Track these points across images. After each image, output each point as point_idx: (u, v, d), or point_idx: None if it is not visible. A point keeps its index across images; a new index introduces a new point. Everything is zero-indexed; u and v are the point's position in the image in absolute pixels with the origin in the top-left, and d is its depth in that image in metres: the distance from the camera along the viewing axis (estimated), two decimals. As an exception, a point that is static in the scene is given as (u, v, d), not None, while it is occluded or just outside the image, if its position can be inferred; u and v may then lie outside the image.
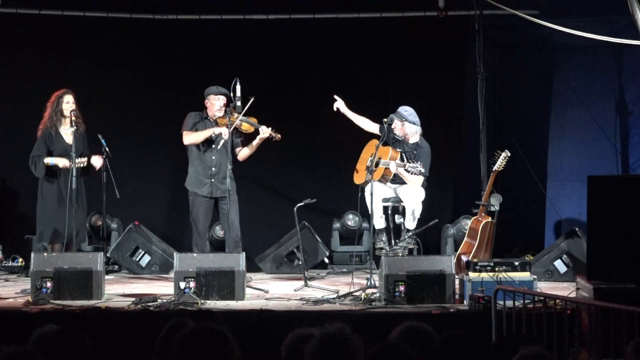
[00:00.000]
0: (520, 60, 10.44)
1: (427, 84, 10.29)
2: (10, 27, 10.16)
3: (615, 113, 10.14)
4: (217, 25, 10.47)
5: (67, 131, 8.53)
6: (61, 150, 8.47)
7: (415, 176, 8.57)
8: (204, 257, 7.85)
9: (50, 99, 8.56)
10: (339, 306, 7.40)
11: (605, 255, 6.89)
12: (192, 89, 9.12)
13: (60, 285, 7.59)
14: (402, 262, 7.71)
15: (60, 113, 8.50)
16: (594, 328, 6.39)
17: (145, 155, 10.45)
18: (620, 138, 10.09)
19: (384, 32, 10.41)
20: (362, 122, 9.05)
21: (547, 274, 9.00)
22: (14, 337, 4.06)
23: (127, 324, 7.05)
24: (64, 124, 8.54)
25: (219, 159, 8.56)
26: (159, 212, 10.53)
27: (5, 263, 9.75)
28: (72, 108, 8.48)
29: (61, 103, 8.50)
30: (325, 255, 9.79)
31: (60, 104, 8.50)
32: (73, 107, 8.50)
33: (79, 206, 8.42)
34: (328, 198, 10.04)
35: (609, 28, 9.48)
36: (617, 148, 10.04)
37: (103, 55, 10.33)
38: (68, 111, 8.47)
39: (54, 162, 8.42)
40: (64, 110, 8.49)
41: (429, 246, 9.30)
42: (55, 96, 8.54)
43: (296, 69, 10.49)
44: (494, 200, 9.00)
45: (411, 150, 8.84)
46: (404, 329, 4.03)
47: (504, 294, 6.64)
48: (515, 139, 9.64)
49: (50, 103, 8.53)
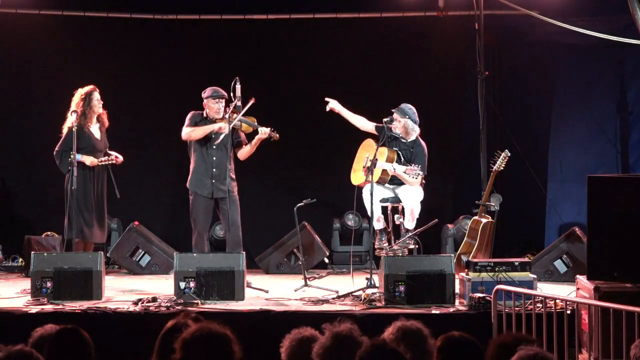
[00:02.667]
0: (521, 60, 10.44)
1: (427, 84, 10.30)
2: (10, 27, 10.15)
3: (616, 113, 10.14)
4: (217, 25, 10.47)
5: (95, 127, 8.62)
6: (90, 147, 8.50)
7: (413, 178, 8.57)
8: (204, 257, 7.85)
9: (78, 96, 8.53)
10: (339, 306, 7.40)
11: (605, 255, 6.89)
12: (192, 89, 9.11)
13: (60, 285, 7.59)
14: (402, 262, 7.71)
15: (92, 110, 8.55)
16: (594, 328, 6.39)
17: (145, 155, 10.45)
18: (620, 138, 10.09)
19: (384, 32, 10.41)
20: (358, 120, 9.03)
21: (547, 274, 9.00)
22: (14, 337, 4.06)
23: (127, 324, 7.05)
24: (93, 121, 8.59)
25: (219, 159, 8.56)
26: (159, 212, 10.54)
27: (5, 263, 9.75)
28: (101, 105, 8.59)
29: (93, 100, 8.55)
30: (325, 255, 9.79)
31: (92, 101, 8.55)
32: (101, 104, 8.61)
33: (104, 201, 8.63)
34: (328, 198, 10.04)
35: (609, 28, 9.48)
36: (617, 148, 10.04)
37: (103, 55, 10.33)
38: (100, 108, 8.59)
39: (81, 159, 8.41)
40: (95, 107, 8.56)
41: (429, 246, 9.29)
42: (86, 93, 8.55)
43: (296, 69, 10.49)
44: (494, 200, 9.01)
45: (408, 148, 8.83)
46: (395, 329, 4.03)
47: (504, 294, 6.64)
48: (516, 138, 9.64)
49: (81, 100, 8.52)
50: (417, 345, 3.93)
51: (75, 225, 8.33)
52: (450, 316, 7.12)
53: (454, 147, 10.48)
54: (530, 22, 9.90)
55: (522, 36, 10.32)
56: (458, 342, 3.89)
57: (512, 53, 10.46)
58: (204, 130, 8.55)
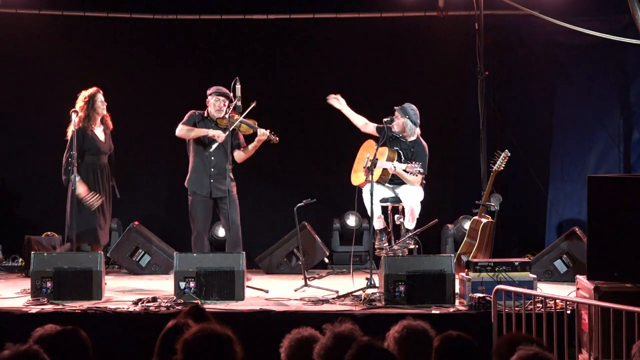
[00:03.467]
0: (521, 60, 10.43)
1: (427, 84, 10.29)
2: (10, 27, 10.14)
3: (618, 112, 10.13)
4: (217, 25, 10.47)
5: (99, 130, 8.61)
6: (94, 149, 8.50)
7: (414, 176, 8.57)
8: (203, 257, 7.85)
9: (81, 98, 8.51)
10: (339, 306, 7.40)
11: (605, 255, 6.88)
12: (192, 89, 9.12)
13: (60, 285, 7.59)
14: (402, 262, 7.71)
15: (95, 112, 8.54)
16: (594, 328, 6.39)
17: (145, 155, 10.45)
18: (622, 137, 10.08)
19: (384, 32, 10.41)
20: (359, 120, 9.01)
21: (547, 274, 9.00)
22: (14, 337, 4.06)
23: (127, 324, 7.05)
24: (97, 124, 8.59)
25: (218, 159, 8.56)
26: (159, 212, 10.53)
27: (5, 263, 9.75)
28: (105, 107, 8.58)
29: (96, 102, 8.53)
30: (325, 255, 9.79)
31: (95, 103, 8.53)
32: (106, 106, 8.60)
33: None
34: (328, 198, 10.04)
35: (609, 27, 9.48)
36: (620, 148, 10.03)
37: (103, 55, 10.33)
38: (104, 110, 8.57)
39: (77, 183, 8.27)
40: (99, 109, 8.54)
41: (429, 246, 9.29)
42: (89, 95, 8.53)
43: (296, 69, 10.49)
44: (494, 200, 9.01)
45: (408, 148, 8.83)
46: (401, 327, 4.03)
47: (504, 294, 6.64)
48: (515, 138, 9.64)
49: (84, 102, 8.50)
50: (422, 346, 3.94)
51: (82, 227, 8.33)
52: (450, 316, 7.12)
53: (454, 147, 10.48)
54: (531, 22, 9.90)
55: (522, 36, 10.31)
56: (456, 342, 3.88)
57: (512, 53, 10.46)
58: (196, 133, 8.55)
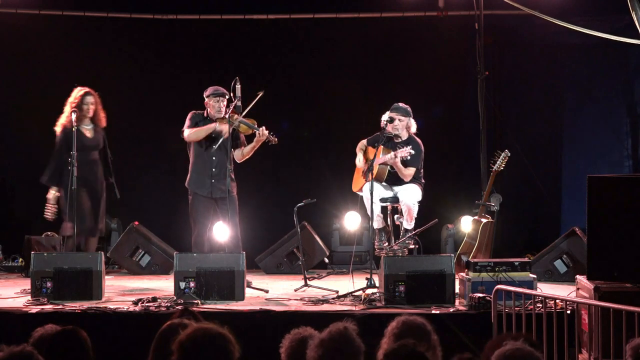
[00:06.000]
0: (521, 60, 10.44)
1: (427, 84, 10.29)
2: (10, 27, 10.15)
3: (620, 112, 10.13)
4: (217, 25, 10.47)
5: (88, 127, 8.70)
6: (79, 145, 8.50)
7: (409, 169, 8.56)
8: (203, 257, 7.84)
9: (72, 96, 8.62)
10: (339, 306, 7.40)
11: (605, 255, 6.88)
12: (192, 89, 9.11)
13: (60, 285, 7.59)
14: (402, 262, 7.71)
15: (82, 114, 8.63)
16: (594, 328, 6.39)
17: (145, 155, 10.46)
18: (624, 137, 10.08)
19: (384, 32, 10.41)
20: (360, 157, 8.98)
21: (547, 274, 9.00)
22: (14, 337, 4.06)
23: (127, 324, 7.05)
24: (85, 122, 8.68)
25: (219, 159, 8.55)
26: (159, 212, 10.53)
27: (5, 263, 9.75)
28: (92, 109, 8.66)
29: (82, 103, 8.64)
30: (325, 255, 9.79)
31: (81, 104, 8.62)
32: (93, 108, 8.66)
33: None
34: (328, 198, 10.04)
35: (610, 27, 9.48)
36: (627, 148, 10.02)
37: (102, 55, 10.33)
38: (90, 112, 8.67)
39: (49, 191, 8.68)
40: (84, 111, 8.65)
41: (429, 246, 9.29)
42: (80, 97, 8.62)
43: (296, 69, 10.49)
44: (494, 200, 9.01)
45: (403, 146, 8.80)
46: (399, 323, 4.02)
47: (504, 294, 6.64)
48: (515, 138, 9.64)
49: (75, 102, 8.59)
50: (420, 340, 3.93)
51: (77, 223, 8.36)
52: (450, 316, 7.11)
53: (454, 147, 10.48)
54: (531, 22, 9.90)
55: (522, 36, 10.32)
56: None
57: (512, 53, 10.46)
58: (205, 131, 8.53)
